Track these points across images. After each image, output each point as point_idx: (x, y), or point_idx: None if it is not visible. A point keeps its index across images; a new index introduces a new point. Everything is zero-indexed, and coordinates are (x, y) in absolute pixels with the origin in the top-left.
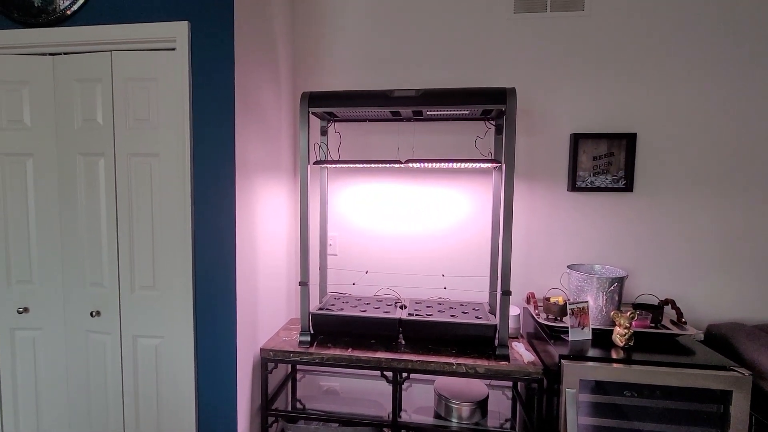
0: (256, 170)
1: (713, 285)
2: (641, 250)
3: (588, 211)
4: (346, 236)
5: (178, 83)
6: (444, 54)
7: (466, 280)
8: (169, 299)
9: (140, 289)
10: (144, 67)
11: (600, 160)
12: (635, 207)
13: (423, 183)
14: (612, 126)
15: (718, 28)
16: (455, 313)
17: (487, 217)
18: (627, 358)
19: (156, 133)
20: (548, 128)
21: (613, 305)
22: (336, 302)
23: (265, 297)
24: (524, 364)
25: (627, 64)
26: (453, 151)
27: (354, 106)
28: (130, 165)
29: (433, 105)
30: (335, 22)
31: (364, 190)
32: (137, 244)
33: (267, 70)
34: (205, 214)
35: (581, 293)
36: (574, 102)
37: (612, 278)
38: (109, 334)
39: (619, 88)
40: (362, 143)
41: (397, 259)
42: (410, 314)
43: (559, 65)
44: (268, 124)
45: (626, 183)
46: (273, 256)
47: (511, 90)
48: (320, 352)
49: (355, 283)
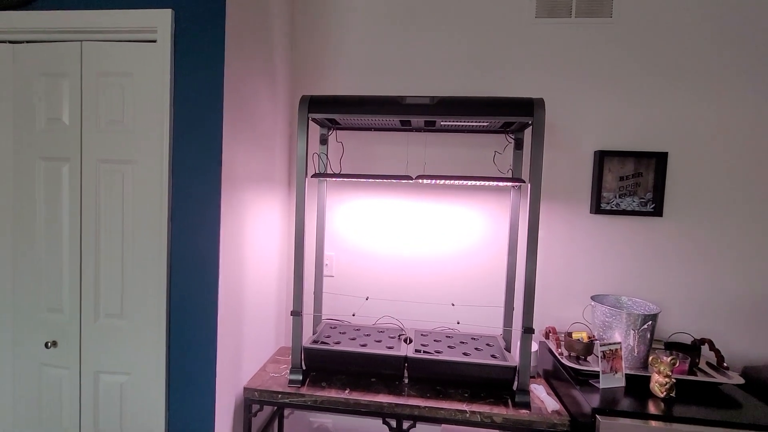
0: (246, 182)
1: (749, 321)
2: (671, 281)
3: (613, 236)
4: (344, 256)
5: (158, 80)
6: (457, 60)
7: (478, 310)
8: (138, 330)
9: (105, 317)
10: (119, 60)
11: (627, 180)
12: (665, 233)
13: (432, 200)
14: (640, 144)
15: (761, 36)
16: (467, 350)
17: (503, 241)
18: (671, 415)
19: (131, 137)
20: (570, 144)
21: (644, 345)
22: (332, 333)
23: (252, 326)
24: (548, 413)
25: (658, 76)
26: (466, 165)
27: (361, 113)
28: (99, 173)
29: (449, 115)
30: (340, 24)
31: (366, 206)
32: (104, 264)
33: (261, 70)
34: (185, 232)
35: (608, 330)
36: (599, 116)
37: (645, 314)
38: (67, 368)
39: (649, 102)
40: (366, 154)
41: (401, 283)
42: (417, 350)
43: (583, 75)
44: (261, 131)
45: (655, 206)
46: (262, 278)
47: (539, 101)
48: (313, 393)
49: (355, 314)
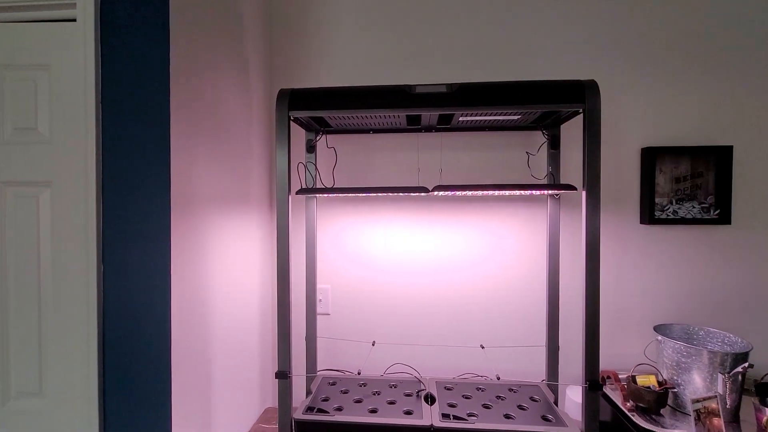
0: (209, 203)
1: None
2: (746, 303)
3: (671, 249)
4: (342, 289)
5: (81, 72)
6: (466, 45)
7: (512, 353)
8: (63, 411)
9: (18, 397)
10: (29, 47)
11: (683, 182)
12: (735, 244)
13: (449, 217)
14: (697, 137)
15: None
16: (509, 409)
17: (540, 263)
18: None
19: (47, 149)
20: (611, 140)
21: (735, 393)
22: (331, 392)
23: (227, 391)
24: None
25: (713, 55)
26: (488, 172)
27: (358, 108)
28: (5, 199)
29: (474, 105)
30: (326, 6)
31: (367, 227)
32: (14, 325)
33: (229, 63)
34: (122, 277)
35: (684, 373)
36: (646, 106)
37: (734, 353)
38: None
39: (706, 88)
40: (363, 163)
41: (414, 321)
42: (445, 414)
43: (623, 57)
44: (230, 138)
45: (720, 212)
46: (239, 325)
47: (591, 83)
48: None
49: (362, 369)
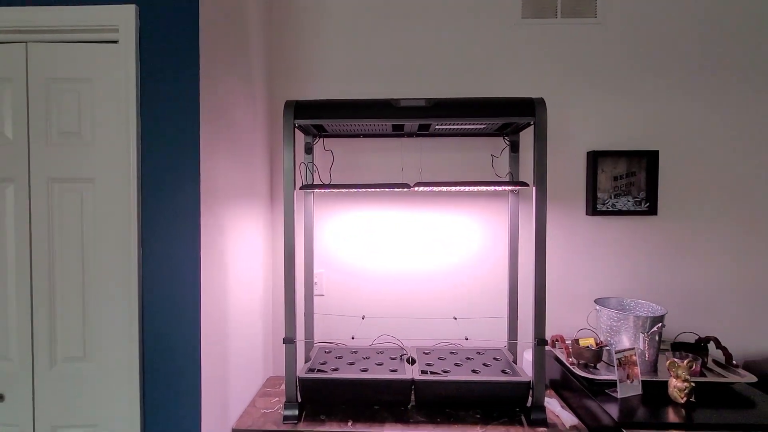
0: (227, 197)
1: (745, 316)
2: (669, 279)
3: (610, 236)
4: (335, 273)
5: (122, 86)
6: (444, 62)
7: (480, 323)
8: (105, 374)
9: (64, 361)
10: (74, 64)
11: (620, 180)
12: (660, 232)
13: (428, 209)
14: (632, 143)
15: (748, 34)
16: (475, 366)
17: (503, 248)
18: (697, 423)
19: (90, 151)
20: (562, 145)
21: (654, 348)
22: (328, 358)
23: (239, 359)
24: (566, 429)
25: (645, 75)
26: (461, 171)
27: (351, 118)
28: (53, 194)
29: (447, 117)
30: (319, 21)
31: (357, 219)
32: (61, 300)
33: (238, 72)
34: (158, 258)
35: (615, 334)
36: (591, 116)
37: (652, 317)
38: (16, 425)
39: (638, 101)
40: (354, 163)
41: (398, 299)
42: (423, 371)
43: (572, 76)
44: (240, 140)
45: (649, 205)
46: (248, 304)
47: (539, 101)
48: (312, 429)
49: (354, 336)
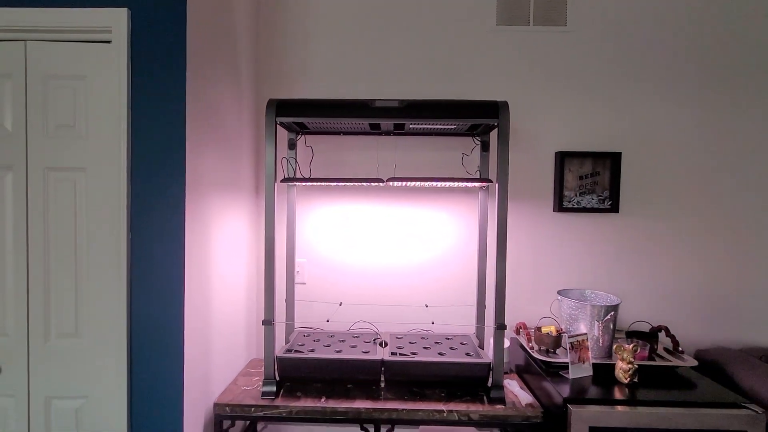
0: (212, 189)
1: (698, 308)
2: (629, 273)
3: (575, 232)
4: (316, 263)
5: (114, 83)
6: (423, 64)
7: (451, 310)
8: (96, 349)
9: (58, 337)
10: (70, 61)
11: (586, 179)
12: (621, 228)
13: (402, 204)
14: (597, 144)
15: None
16: (442, 350)
17: (473, 241)
18: (636, 399)
19: (83, 142)
20: (532, 145)
21: (608, 335)
22: (305, 341)
23: (221, 338)
24: (522, 406)
25: (610, 81)
26: (434, 168)
27: (329, 117)
28: (48, 182)
29: (418, 117)
30: (304, 24)
31: (337, 212)
32: (55, 281)
33: (225, 72)
34: (146, 243)
35: (574, 322)
36: (559, 118)
37: (607, 306)
38: (12, 396)
39: (603, 105)
40: (335, 159)
41: (375, 287)
42: (393, 353)
43: (542, 80)
44: (226, 135)
45: (612, 203)
46: (231, 288)
47: (503, 103)
48: (288, 404)
49: (329, 320)
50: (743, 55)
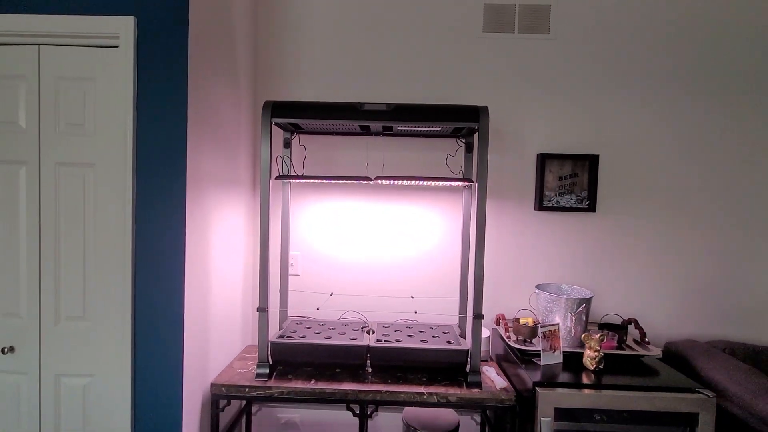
0: (211, 184)
1: (669, 302)
2: (604, 269)
3: (555, 230)
4: (309, 255)
5: (121, 85)
6: (413, 69)
7: (435, 302)
8: (102, 331)
9: (67, 320)
10: (80, 64)
11: (565, 180)
12: (598, 227)
13: (391, 201)
14: (576, 147)
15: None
16: (425, 338)
17: (457, 237)
18: (599, 384)
19: (92, 139)
20: (515, 148)
21: (581, 326)
22: (298, 328)
23: (218, 324)
24: (496, 390)
25: (590, 87)
26: (422, 168)
27: (321, 118)
28: (59, 176)
29: (404, 120)
30: (299, 30)
31: (330, 208)
32: (65, 267)
33: (225, 75)
34: (149, 234)
35: (550, 314)
36: (541, 122)
37: (580, 299)
38: (25, 373)
39: (583, 110)
40: (328, 158)
41: (364, 279)
42: (379, 340)
43: (526, 86)
44: (225, 134)
45: (589, 203)
46: (228, 278)
47: (483, 108)
48: (280, 385)
49: (320, 308)
50: (715, 64)
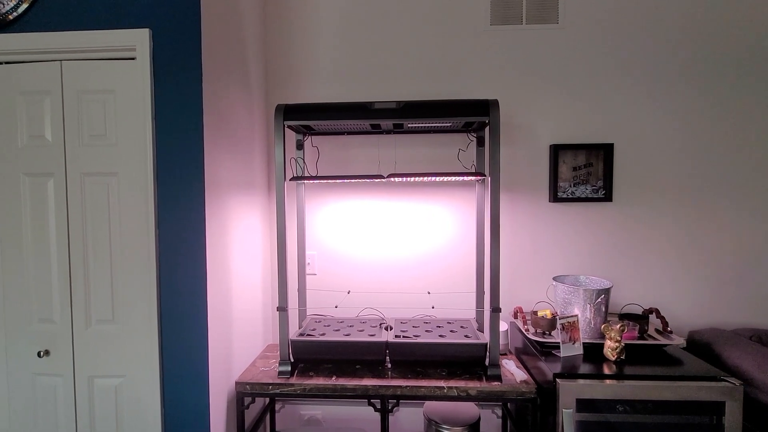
0: (228, 188)
1: (692, 291)
2: (623, 259)
3: (570, 221)
4: (325, 255)
5: (139, 96)
6: (421, 65)
7: (452, 297)
8: (130, 334)
9: (97, 323)
10: (100, 78)
11: (580, 170)
12: (615, 216)
13: (405, 198)
14: (590, 136)
15: (695, 37)
16: (443, 332)
17: (471, 232)
18: (621, 374)
19: (114, 150)
20: (528, 140)
21: (600, 317)
22: (317, 326)
23: (241, 324)
24: (517, 383)
25: (602, 76)
26: (434, 164)
27: (333, 119)
28: (84, 185)
29: (414, 117)
30: (308, 33)
31: (344, 207)
32: (93, 273)
33: (237, 81)
34: (171, 238)
35: (568, 306)
36: (553, 113)
37: (598, 290)
38: (61, 375)
39: (595, 99)
40: (340, 157)
41: (381, 276)
42: (397, 336)
43: (536, 77)
44: (239, 139)
45: (605, 193)
46: (248, 279)
47: (494, 102)
48: (302, 382)
49: (338, 305)
50: (732, 50)
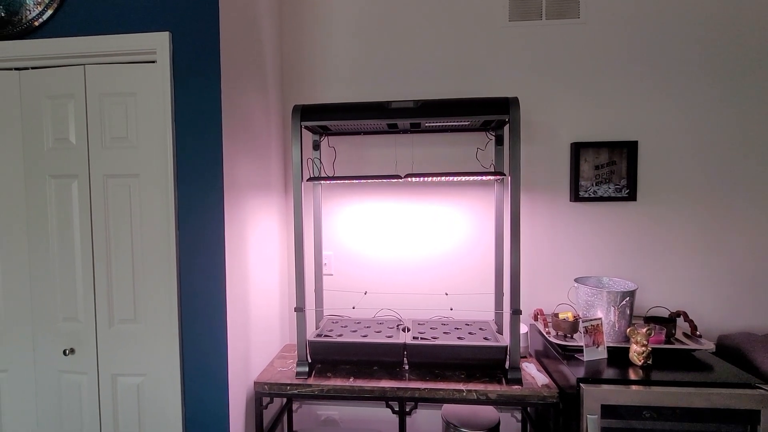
0: (246, 189)
1: (721, 293)
2: (648, 260)
3: (592, 221)
4: (342, 255)
5: (159, 98)
6: (438, 63)
7: (470, 298)
8: (152, 333)
9: (120, 322)
10: (121, 81)
11: (602, 169)
12: (639, 216)
13: (422, 198)
14: (612, 134)
15: (720, 34)
16: (462, 335)
17: (490, 232)
18: (649, 379)
19: (135, 152)
20: (547, 137)
21: (624, 320)
22: (334, 327)
23: (258, 324)
24: (538, 387)
25: (625, 71)
26: (452, 163)
27: (349, 119)
28: (107, 187)
29: (432, 116)
30: (324, 32)
31: (360, 207)
32: (116, 273)
33: (254, 81)
34: (191, 239)
35: (591, 308)
36: (573, 110)
37: (623, 292)
38: (85, 373)
39: (618, 95)
40: (357, 157)
41: (397, 277)
42: (415, 337)
43: (556, 73)
44: (256, 140)
45: (629, 192)
46: (266, 279)
47: (514, 99)
48: (320, 383)
49: (355, 306)
50: (758, 47)
